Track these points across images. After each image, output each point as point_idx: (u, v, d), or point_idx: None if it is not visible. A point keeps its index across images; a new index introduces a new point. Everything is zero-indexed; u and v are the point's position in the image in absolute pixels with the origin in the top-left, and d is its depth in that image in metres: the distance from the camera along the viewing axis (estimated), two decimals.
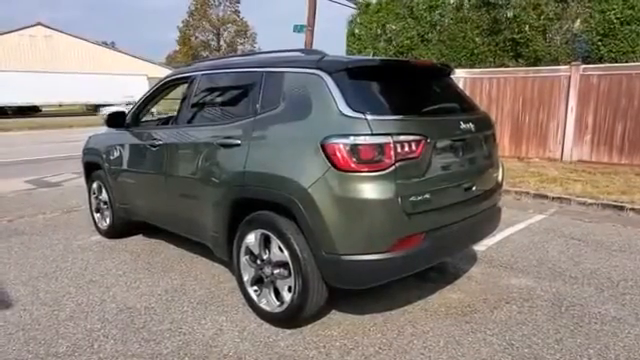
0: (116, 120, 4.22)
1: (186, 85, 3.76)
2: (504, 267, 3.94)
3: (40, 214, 5.80)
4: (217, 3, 47.59)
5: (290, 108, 2.83)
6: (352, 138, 2.44)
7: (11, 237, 4.87)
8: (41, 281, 3.67)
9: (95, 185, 4.85)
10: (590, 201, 5.90)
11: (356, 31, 16.45)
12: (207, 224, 3.32)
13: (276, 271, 2.86)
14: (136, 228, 4.73)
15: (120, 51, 40.23)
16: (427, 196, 2.61)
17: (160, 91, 4.17)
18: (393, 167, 2.44)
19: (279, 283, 2.86)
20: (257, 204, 2.90)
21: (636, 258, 4.13)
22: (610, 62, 10.08)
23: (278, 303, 2.87)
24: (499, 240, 4.62)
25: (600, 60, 10.25)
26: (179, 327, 2.93)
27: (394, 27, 15.12)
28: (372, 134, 2.43)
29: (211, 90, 3.59)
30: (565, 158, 8.89)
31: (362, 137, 2.43)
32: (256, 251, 2.96)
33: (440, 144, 2.72)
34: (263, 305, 2.96)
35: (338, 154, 2.44)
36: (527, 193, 6.43)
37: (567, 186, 6.68)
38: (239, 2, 48.20)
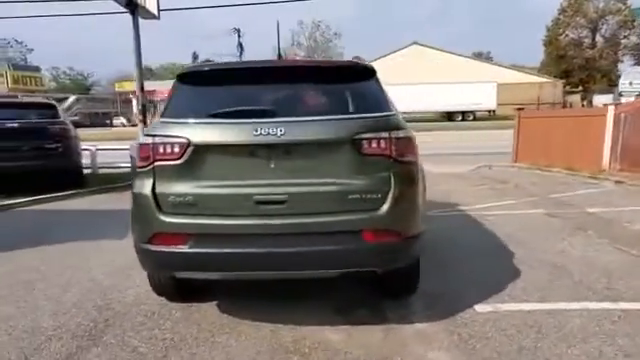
0: None
1: None
2: (471, 336, 2.74)
3: None
4: None
5: None
6: (141, 139, 2.82)
7: None
8: None
9: None
10: None
11: None
12: None
13: None
14: None
15: (484, 60, 41.80)
16: (190, 199, 2.59)
17: None
18: (151, 166, 2.64)
19: None
20: None
21: None
22: None
23: None
24: (544, 309, 3.05)
25: None
26: (118, 280, 3.75)
27: None
28: (145, 135, 2.74)
29: None
30: None
31: (143, 138, 2.78)
32: None
33: (216, 149, 2.62)
34: None
35: (136, 153, 2.84)
36: None
37: None
38: None
